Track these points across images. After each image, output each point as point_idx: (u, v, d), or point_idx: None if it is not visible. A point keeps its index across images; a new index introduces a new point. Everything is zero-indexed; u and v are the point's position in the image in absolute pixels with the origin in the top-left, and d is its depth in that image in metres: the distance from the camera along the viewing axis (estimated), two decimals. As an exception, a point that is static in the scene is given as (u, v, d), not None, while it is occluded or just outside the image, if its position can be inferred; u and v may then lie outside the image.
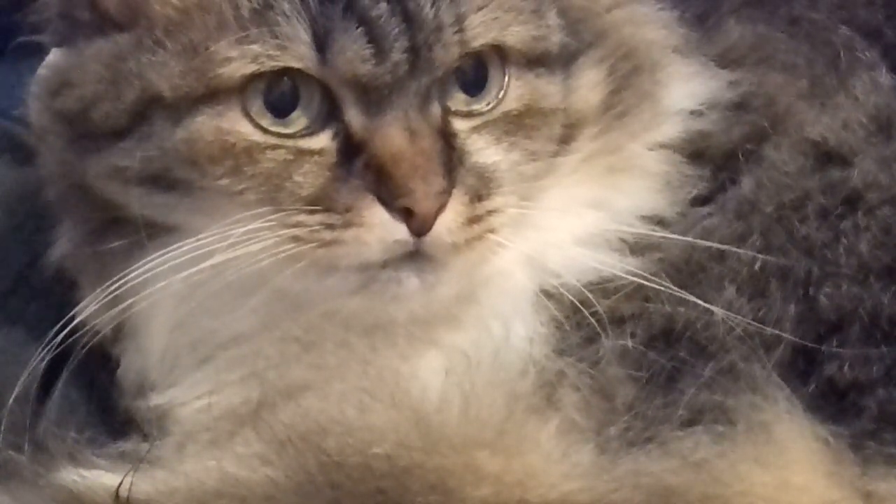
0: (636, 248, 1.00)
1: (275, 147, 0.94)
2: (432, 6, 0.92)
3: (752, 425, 0.92)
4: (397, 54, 0.92)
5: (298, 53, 0.92)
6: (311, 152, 0.94)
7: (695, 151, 1.03)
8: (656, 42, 1.04)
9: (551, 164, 0.99)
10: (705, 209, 1.01)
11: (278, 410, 0.95)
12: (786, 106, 1.03)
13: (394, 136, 0.92)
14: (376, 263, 0.94)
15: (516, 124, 0.97)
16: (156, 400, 1.02)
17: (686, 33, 1.06)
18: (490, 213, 0.95)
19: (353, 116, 0.93)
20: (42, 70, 1.08)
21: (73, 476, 0.96)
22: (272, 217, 0.93)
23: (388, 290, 0.94)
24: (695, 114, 1.04)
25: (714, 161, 1.03)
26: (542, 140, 0.97)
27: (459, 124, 0.95)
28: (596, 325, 0.97)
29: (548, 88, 0.97)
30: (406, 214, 0.92)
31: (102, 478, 0.95)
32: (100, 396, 1.06)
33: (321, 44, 0.92)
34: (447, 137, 0.94)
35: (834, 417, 0.93)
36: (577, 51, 0.99)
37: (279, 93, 0.93)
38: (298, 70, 0.92)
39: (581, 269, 0.99)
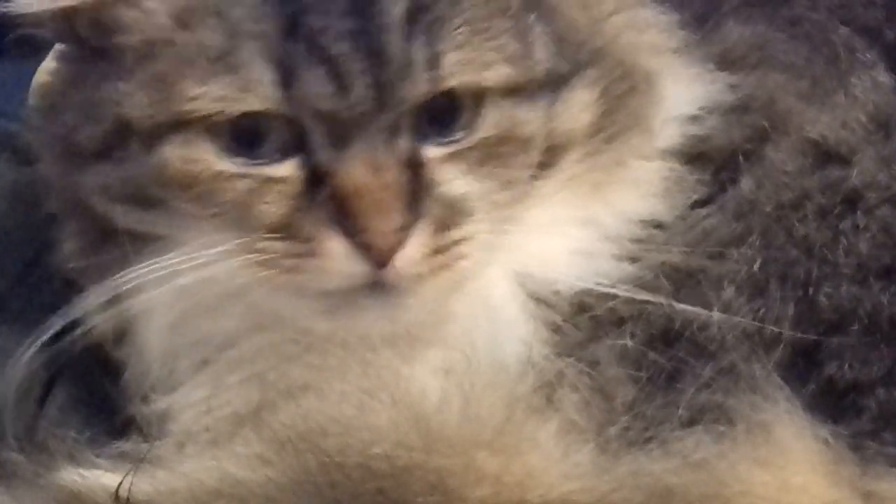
0: (631, 255, 1.00)
1: (241, 176, 0.94)
2: (404, 42, 0.92)
3: (752, 425, 0.91)
4: (360, 91, 0.91)
5: (262, 95, 0.92)
6: (277, 181, 0.94)
7: (695, 154, 1.03)
8: (657, 47, 1.03)
9: (532, 187, 0.98)
10: (704, 210, 1.01)
11: (278, 411, 0.95)
12: (786, 106, 1.03)
13: (356, 170, 0.92)
14: (339, 291, 0.94)
15: (491, 153, 0.95)
16: (156, 401, 1.02)
17: (686, 36, 1.05)
18: (459, 241, 0.94)
19: (319, 148, 0.93)
20: (39, 76, 1.08)
21: (73, 476, 0.96)
22: (238, 241, 0.94)
23: (352, 317, 0.95)
24: (694, 118, 1.03)
25: (714, 163, 1.02)
26: (519, 167, 0.96)
27: (432, 153, 0.94)
28: (595, 326, 0.97)
29: (526, 116, 0.96)
30: (365, 248, 0.92)
31: (102, 478, 0.95)
32: (100, 397, 1.06)
33: (286, 81, 0.92)
34: (416, 169, 0.93)
35: (834, 417, 0.93)
36: (570, 73, 0.98)
37: (246, 124, 0.93)
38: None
39: (576, 277, 0.99)
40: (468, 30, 0.92)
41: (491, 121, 0.95)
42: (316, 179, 0.93)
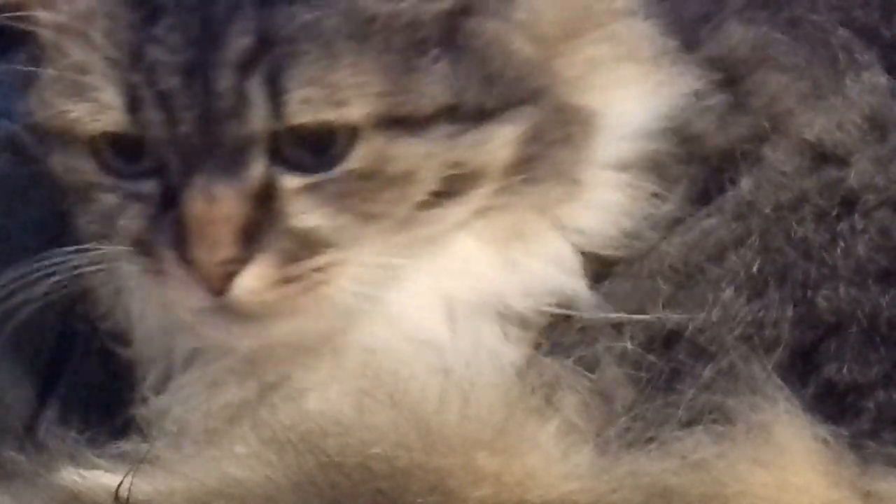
0: (598, 272, 1.00)
1: (111, 188, 0.96)
2: (238, 80, 0.91)
3: (751, 425, 0.91)
4: (188, 126, 0.92)
5: (114, 119, 0.93)
6: (138, 196, 0.95)
7: (690, 155, 1.02)
8: (629, 56, 1.02)
9: (431, 214, 0.96)
10: (704, 210, 1.01)
11: (277, 411, 0.95)
12: (787, 107, 1.03)
13: (194, 200, 0.92)
14: (191, 310, 0.96)
15: (359, 185, 0.93)
16: (155, 400, 1.02)
17: (666, 42, 1.04)
18: (319, 269, 0.94)
19: (171, 173, 0.94)
20: None
21: (73, 476, 0.95)
22: (111, 250, 0.97)
23: (212, 335, 0.98)
24: (660, 129, 1.02)
25: (709, 162, 1.02)
26: (394, 200, 0.94)
27: (288, 184, 0.93)
28: (586, 331, 0.98)
29: (404, 151, 0.93)
30: (197, 276, 0.93)
31: (102, 478, 0.95)
32: (100, 397, 1.06)
33: (133, 107, 0.93)
34: (267, 200, 0.93)
35: (833, 418, 0.92)
36: (498, 108, 0.95)
37: (126, 139, 0.95)
38: None
39: (519, 296, 1.00)
40: (323, 67, 0.91)
41: (360, 154, 0.93)
42: (169, 202, 0.94)
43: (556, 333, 0.99)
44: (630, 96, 1.02)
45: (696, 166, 1.02)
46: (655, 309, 0.98)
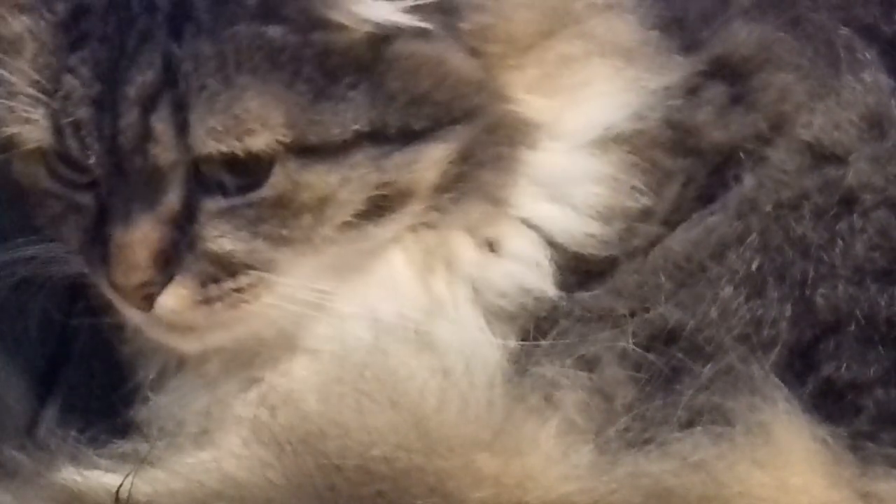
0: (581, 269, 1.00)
1: (58, 195, 0.98)
2: (142, 113, 0.91)
3: (750, 426, 0.91)
4: (99, 157, 0.93)
5: (46, 138, 0.94)
6: (77, 207, 0.97)
7: (687, 148, 1.02)
8: (605, 47, 1.01)
9: (356, 236, 0.96)
10: (709, 207, 1.01)
11: (277, 412, 0.96)
12: (792, 106, 1.02)
13: (114, 224, 0.94)
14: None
15: (274, 210, 0.94)
16: (156, 401, 1.02)
17: (646, 36, 1.03)
18: (240, 290, 0.95)
19: (102, 192, 0.95)
20: None
21: (73, 476, 0.96)
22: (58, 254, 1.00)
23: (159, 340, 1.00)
24: (637, 125, 1.01)
25: (710, 157, 1.02)
26: (305, 228, 0.94)
27: (209, 207, 0.94)
28: (582, 326, 0.98)
29: (316, 178, 0.93)
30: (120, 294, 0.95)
31: (103, 478, 0.95)
32: (100, 397, 1.06)
33: (57, 130, 0.94)
34: (185, 223, 0.94)
35: (832, 418, 0.93)
36: (427, 129, 0.95)
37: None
38: None
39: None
40: (226, 99, 0.91)
41: (274, 181, 0.93)
42: (102, 218, 0.95)
43: (554, 333, 0.99)
44: (597, 93, 1.01)
45: (693, 160, 1.02)
46: (658, 305, 0.98)
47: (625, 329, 0.97)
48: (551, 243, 1.00)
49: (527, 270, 1.00)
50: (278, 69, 0.91)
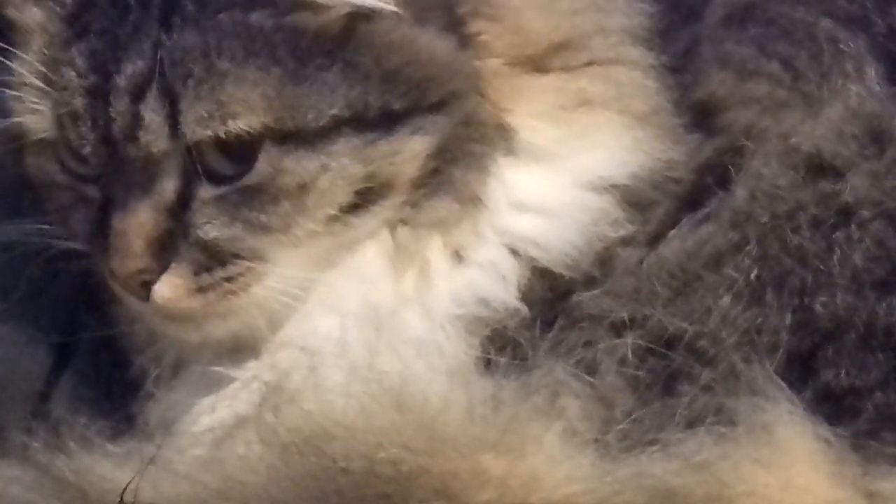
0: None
1: (67, 188, 1.00)
2: (131, 104, 0.93)
3: (753, 426, 0.91)
4: (94, 146, 0.95)
5: (50, 129, 0.97)
6: (85, 199, 0.99)
7: (660, 180, 1.02)
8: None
9: (342, 229, 0.97)
10: (700, 213, 1.00)
11: (281, 413, 0.96)
12: (767, 122, 1.02)
13: (115, 213, 0.95)
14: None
15: (257, 198, 0.95)
16: (161, 401, 1.02)
17: (660, 103, 1.03)
18: (230, 279, 0.96)
19: (104, 182, 0.97)
20: None
21: (78, 469, 0.95)
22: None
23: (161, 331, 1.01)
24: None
25: (687, 181, 1.02)
26: (287, 216, 0.96)
27: (203, 195, 0.95)
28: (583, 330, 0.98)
29: (296, 164, 0.95)
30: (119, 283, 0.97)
31: (110, 474, 0.95)
32: (105, 395, 1.06)
33: (60, 123, 0.96)
34: (178, 213, 0.95)
35: (832, 420, 0.93)
36: (405, 111, 0.96)
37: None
38: None
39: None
40: (211, 85, 0.93)
41: (259, 167, 0.95)
42: (106, 209, 0.97)
43: (552, 335, 0.99)
44: (603, 144, 1.01)
45: (673, 187, 1.02)
46: (654, 311, 0.98)
47: (624, 333, 0.97)
48: (524, 257, 1.01)
49: (493, 281, 1.00)
50: (254, 54, 0.93)
